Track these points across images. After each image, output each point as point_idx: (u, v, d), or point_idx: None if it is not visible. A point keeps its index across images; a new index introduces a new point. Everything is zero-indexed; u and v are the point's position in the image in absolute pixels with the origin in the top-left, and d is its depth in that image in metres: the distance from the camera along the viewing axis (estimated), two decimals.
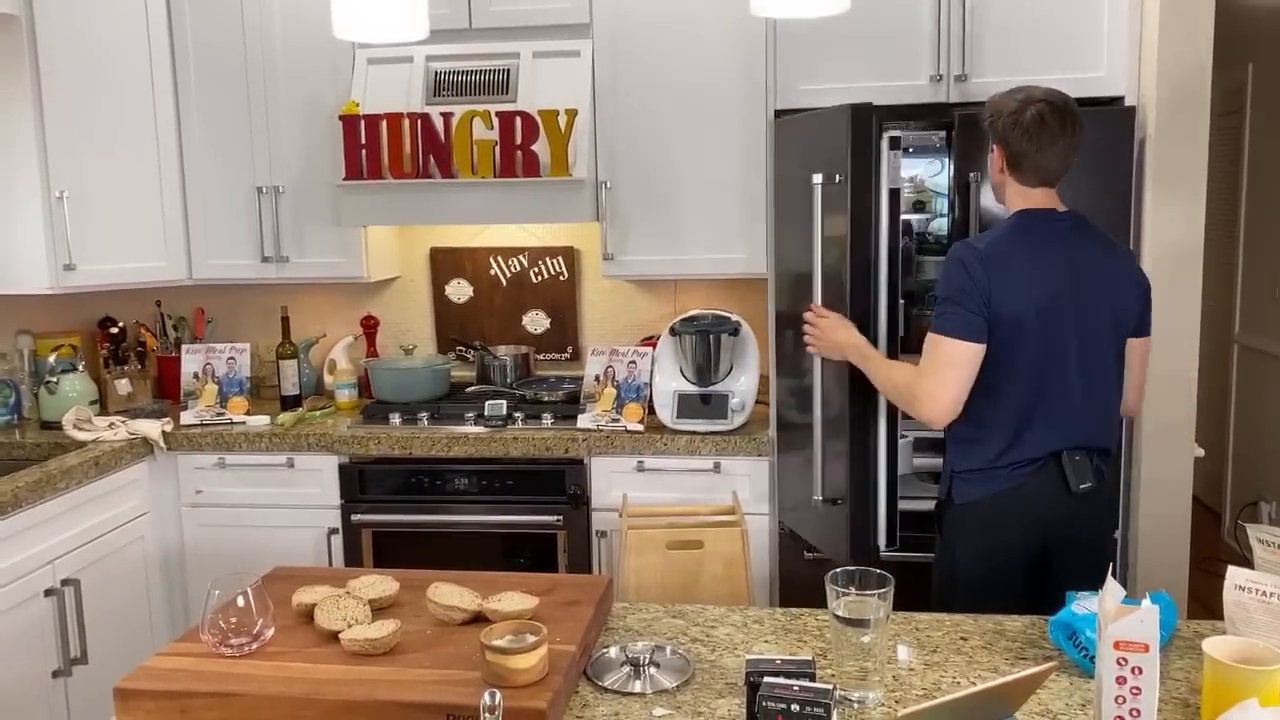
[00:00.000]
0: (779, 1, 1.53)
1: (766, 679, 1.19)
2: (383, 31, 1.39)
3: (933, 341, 2.01)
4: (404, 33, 1.40)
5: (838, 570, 1.42)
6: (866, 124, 2.30)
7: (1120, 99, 2.66)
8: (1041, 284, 1.99)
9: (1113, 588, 1.24)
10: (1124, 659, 1.19)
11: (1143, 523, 2.67)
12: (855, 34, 2.72)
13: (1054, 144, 2.01)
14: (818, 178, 2.39)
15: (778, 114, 2.76)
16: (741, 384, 2.92)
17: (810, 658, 1.28)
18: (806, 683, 1.18)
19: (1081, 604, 1.52)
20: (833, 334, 2.32)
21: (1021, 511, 2.02)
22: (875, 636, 1.37)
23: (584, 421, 2.96)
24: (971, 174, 2.57)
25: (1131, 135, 2.56)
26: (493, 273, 3.50)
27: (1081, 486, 2.01)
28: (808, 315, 2.40)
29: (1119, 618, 1.19)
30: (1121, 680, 1.19)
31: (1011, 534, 2.02)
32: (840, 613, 1.39)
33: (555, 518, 2.91)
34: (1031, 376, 1.99)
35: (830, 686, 1.16)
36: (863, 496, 2.39)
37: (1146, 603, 1.20)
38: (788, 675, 1.22)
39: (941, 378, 1.99)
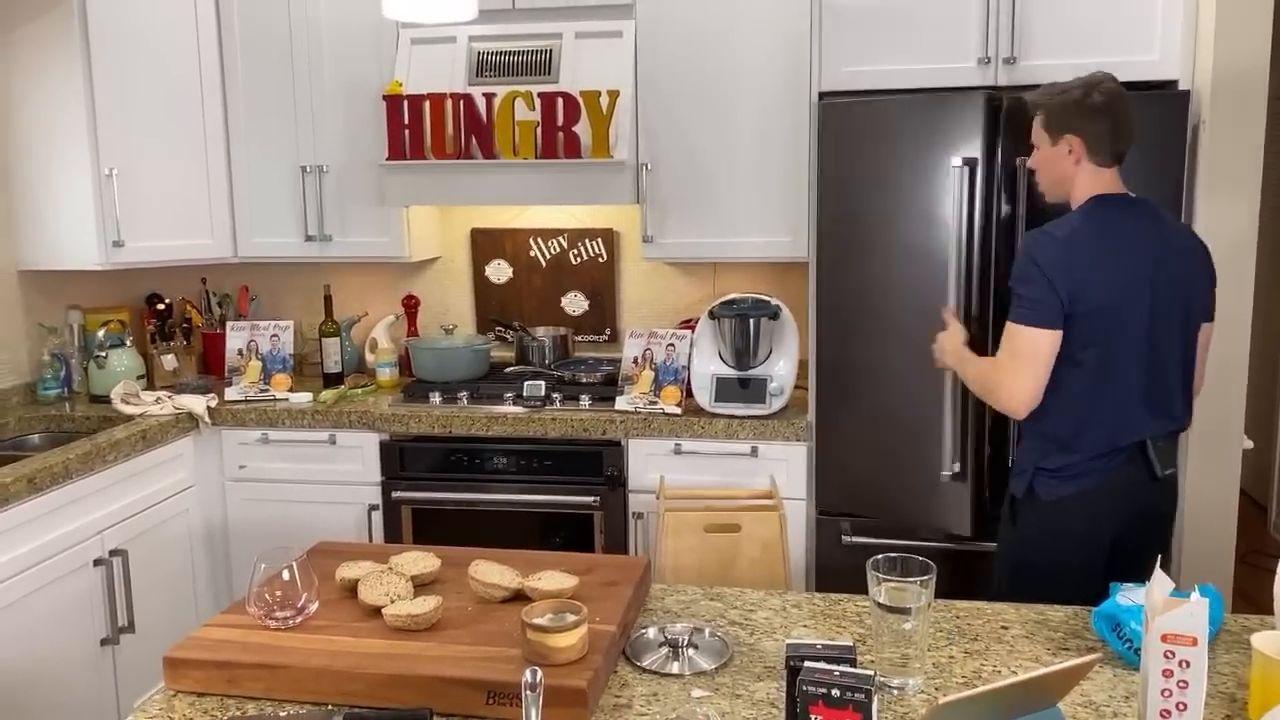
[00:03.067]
0: None
1: (807, 663, 1.19)
2: (432, 11, 1.39)
3: (1009, 331, 1.99)
4: (453, 12, 1.40)
5: (879, 557, 1.41)
6: (997, 110, 2.36)
7: (1173, 84, 2.60)
8: (1124, 270, 1.97)
9: (1161, 579, 1.22)
10: (1171, 652, 1.17)
11: (1189, 514, 2.63)
12: (901, 16, 2.69)
13: (1128, 121, 2.05)
14: (957, 161, 2.48)
15: (822, 96, 2.73)
16: (780, 368, 2.91)
17: (851, 643, 1.28)
18: (848, 668, 1.17)
19: (1126, 595, 1.50)
20: (945, 343, 2.29)
21: (1112, 502, 2.00)
22: (917, 624, 1.36)
23: (622, 403, 2.97)
24: (1019, 158, 2.53)
25: (1184, 121, 2.51)
26: (532, 254, 3.51)
27: (1166, 472, 2.03)
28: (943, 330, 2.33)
29: (1167, 610, 1.17)
30: (1168, 673, 1.18)
31: (1102, 526, 2.02)
32: (881, 599, 1.38)
33: (592, 499, 2.92)
34: (1120, 366, 1.97)
35: (872, 672, 1.16)
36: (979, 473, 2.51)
37: (1195, 595, 1.19)
38: (829, 660, 1.21)
39: (1017, 367, 1.97)
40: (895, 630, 1.37)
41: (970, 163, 2.54)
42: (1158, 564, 1.26)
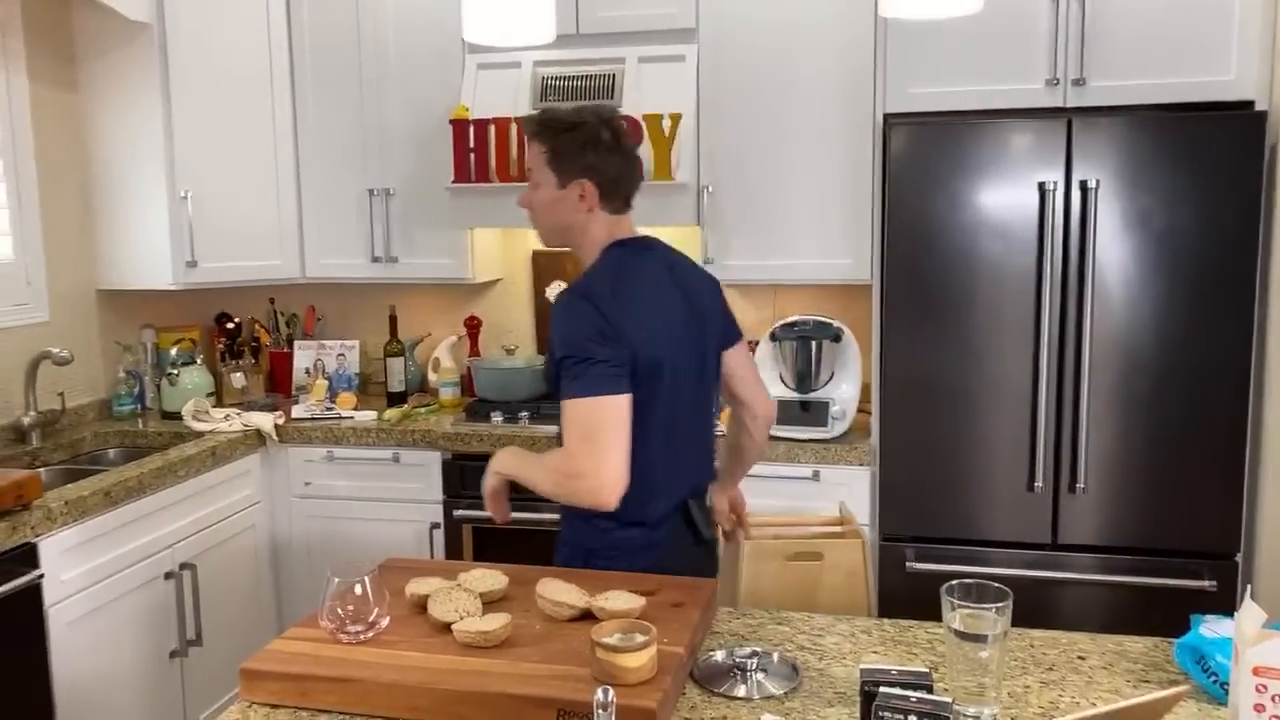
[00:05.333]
0: (910, 2, 1.50)
1: (883, 689, 1.17)
2: (511, 35, 1.42)
3: (578, 408, 1.68)
4: (530, 36, 1.42)
5: (953, 583, 1.39)
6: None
7: (1250, 104, 2.55)
8: (668, 319, 1.81)
9: (1252, 610, 1.18)
10: (1264, 685, 1.13)
11: (1267, 547, 2.55)
12: (967, 36, 2.67)
13: (638, 160, 1.89)
14: (1034, 183, 2.53)
15: (886, 118, 2.72)
16: (843, 391, 2.89)
17: (927, 669, 1.25)
18: (924, 694, 1.15)
19: (1210, 627, 1.46)
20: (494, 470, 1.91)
21: (665, 574, 1.74)
22: (993, 651, 1.34)
23: None
24: (1086, 180, 2.51)
25: (1262, 143, 2.45)
26: None
27: (708, 534, 1.91)
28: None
29: (1259, 642, 1.14)
30: (1260, 708, 1.14)
31: None
32: (956, 625, 1.36)
33: None
34: (667, 422, 1.80)
35: (950, 699, 1.14)
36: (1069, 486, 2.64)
37: None
38: (904, 686, 1.19)
39: (598, 447, 1.66)
40: (971, 658, 1.35)
41: (1048, 185, 2.53)
42: (1248, 594, 1.23)
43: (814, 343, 2.89)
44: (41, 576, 2.29)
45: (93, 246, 3.23)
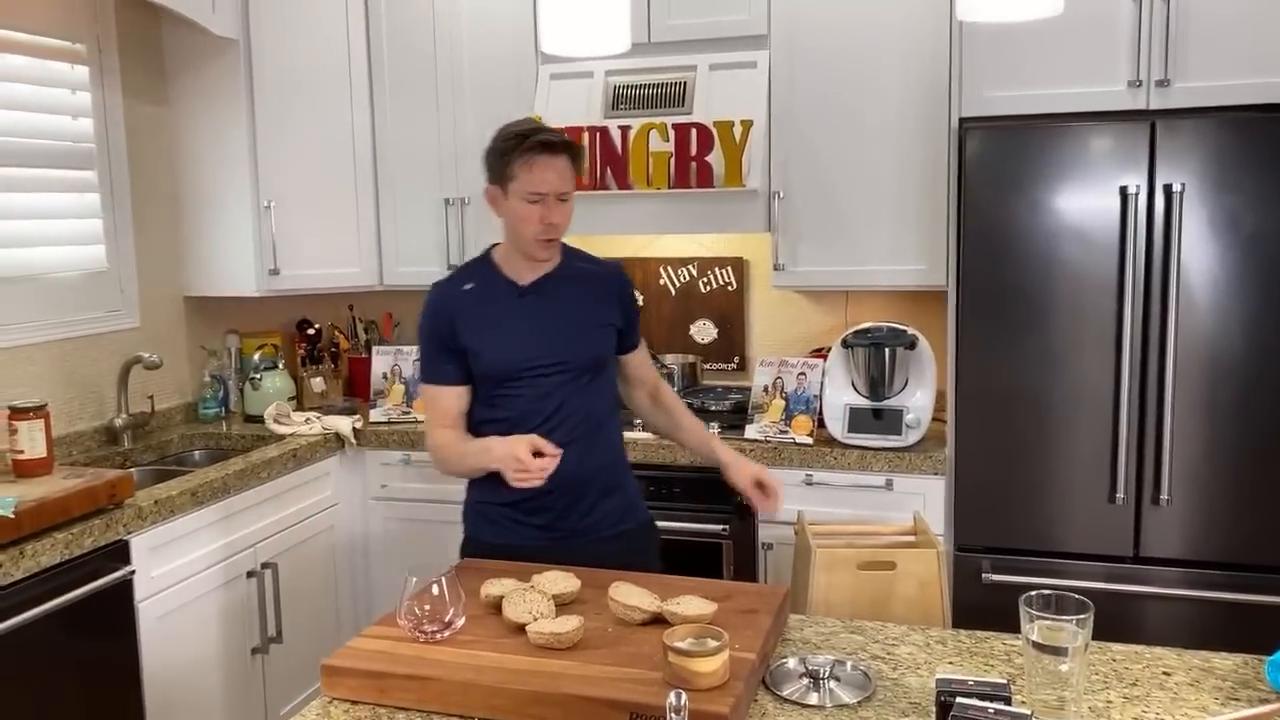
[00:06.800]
0: (989, 5, 1.48)
1: (960, 699, 1.16)
2: (588, 45, 1.44)
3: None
4: (607, 46, 1.44)
5: (1032, 593, 1.37)
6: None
7: None
8: None
9: None
10: None
11: None
12: (1044, 38, 2.62)
13: None
14: (1116, 187, 2.50)
15: (962, 122, 2.68)
16: (917, 399, 2.85)
17: (1005, 681, 1.23)
18: (1003, 706, 1.14)
19: None
20: None
21: None
22: (1073, 665, 1.31)
23: (751, 432, 2.96)
24: (1171, 184, 2.44)
25: None
26: (662, 282, 3.55)
27: None
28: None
29: None
30: None
31: None
32: (1035, 638, 1.34)
33: (721, 527, 2.91)
34: None
35: (1029, 711, 1.12)
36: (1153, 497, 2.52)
37: None
38: (982, 697, 1.18)
39: None
40: (1050, 671, 1.32)
41: (1131, 189, 2.47)
42: None
43: (887, 349, 2.86)
44: (133, 572, 2.37)
45: (181, 255, 3.35)
